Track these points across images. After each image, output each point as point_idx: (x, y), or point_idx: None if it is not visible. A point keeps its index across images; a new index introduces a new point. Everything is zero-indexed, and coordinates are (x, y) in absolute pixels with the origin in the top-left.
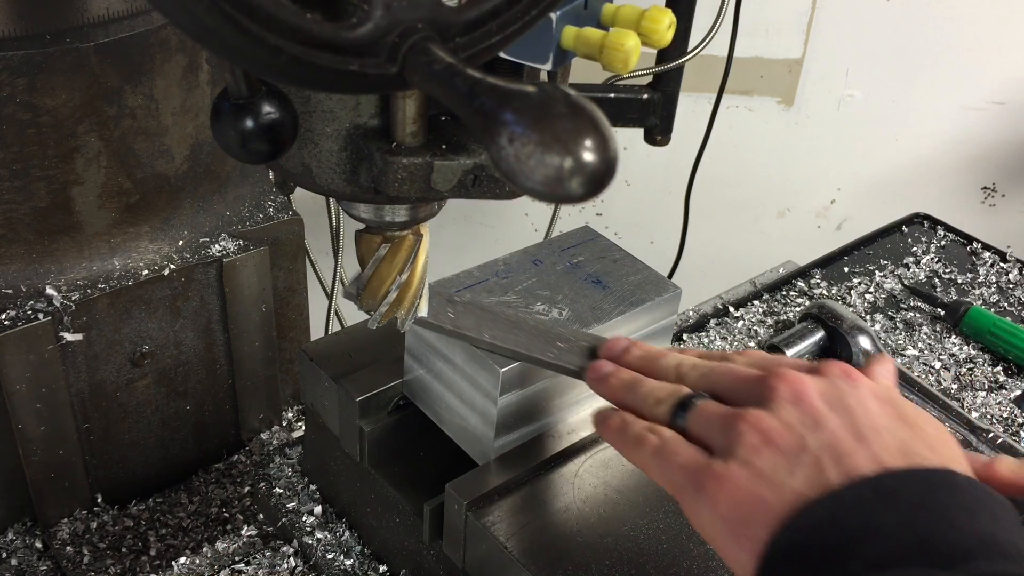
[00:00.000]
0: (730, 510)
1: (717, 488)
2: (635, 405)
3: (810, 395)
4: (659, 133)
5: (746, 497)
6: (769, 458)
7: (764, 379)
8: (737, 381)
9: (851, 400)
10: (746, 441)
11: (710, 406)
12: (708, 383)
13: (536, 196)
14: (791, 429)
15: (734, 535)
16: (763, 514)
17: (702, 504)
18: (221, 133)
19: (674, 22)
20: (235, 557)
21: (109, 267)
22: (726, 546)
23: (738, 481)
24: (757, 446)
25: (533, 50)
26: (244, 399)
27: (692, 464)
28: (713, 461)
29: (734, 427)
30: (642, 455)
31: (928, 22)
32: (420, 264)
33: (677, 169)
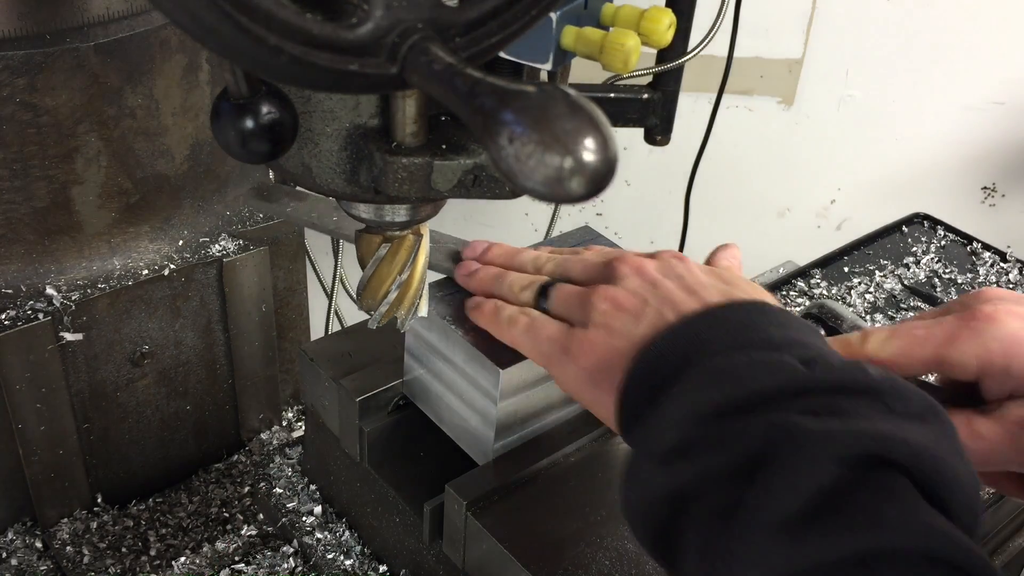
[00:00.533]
0: (591, 363)
1: (578, 348)
2: (502, 294)
3: (648, 268)
4: (659, 133)
5: (603, 350)
6: (619, 317)
7: (609, 263)
8: (587, 267)
9: (681, 269)
10: (599, 308)
11: (567, 288)
12: (563, 271)
13: (536, 196)
14: (635, 294)
15: (595, 384)
16: (618, 358)
17: (567, 365)
18: (221, 133)
19: (674, 22)
20: (235, 557)
21: (109, 267)
22: (590, 395)
23: (595, 339)
24: (608, 310)
25: (533, 50)
26: (244, 399)
27: (557, 334)
28: (574, 329)
29: (588, 300)
30: (514, 332)
31: (928, 22)
32: (420, 264)
33: (677, 169)
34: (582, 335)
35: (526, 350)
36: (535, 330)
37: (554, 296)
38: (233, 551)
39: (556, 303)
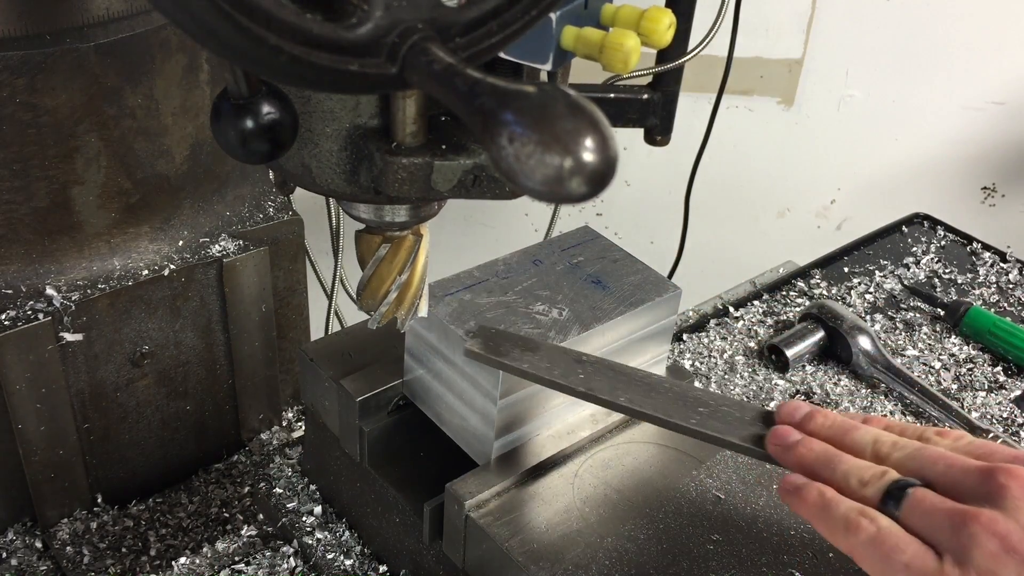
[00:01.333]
0: None
1: None
2: (832, 482)
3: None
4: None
5: None
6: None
7: (991, 473)
8: (954, 470)
9: None
10: (983, 546)
11: (930, 497)
12: (917, 467)
13: (536, 196)
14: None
15: None
16: None
17: None
18: (221, 133)
19: (674, 22)
20: (235, 557)
21: (109, 267)
22: None
23: None
24: (996, 553)
25: (533, 50)
26: (244, 399)
27: (921, 565)
28: (946, 567)
29: (965, 528)
30: (854, 542)
31: (928, 22)
32: (420, 264)
33: (677, 169)
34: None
35: (871, 570)
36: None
37: (910, 503)
38: (233, 551)
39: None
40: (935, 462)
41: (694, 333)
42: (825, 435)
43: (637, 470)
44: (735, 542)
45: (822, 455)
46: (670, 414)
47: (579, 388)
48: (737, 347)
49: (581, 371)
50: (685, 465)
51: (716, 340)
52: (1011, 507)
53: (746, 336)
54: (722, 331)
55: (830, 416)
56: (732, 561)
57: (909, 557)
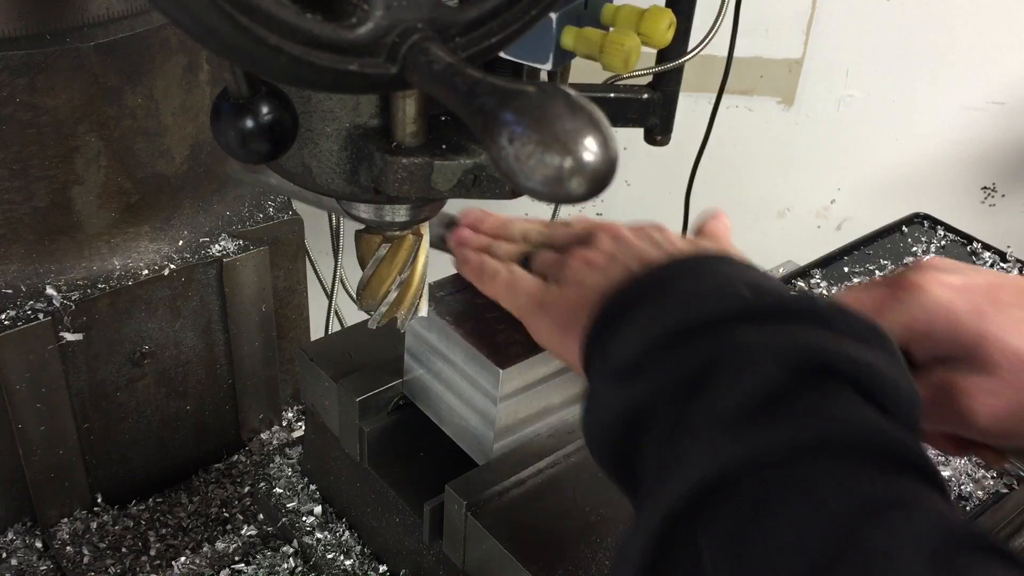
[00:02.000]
0: (561, 315)
1: (551, 301)
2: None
3: (623, 232)
4: (659, 133)
5: (573, 301)
6: (589, 272)
7: (591, 230)
8: (570, 236)
9: (656, 234)
10: (572, 266)
11: (548, 252)
12: (548, 240)
13: (536, 196)
14: (607, 253)
15: (565, 332)
16: (584, 307)
17: (542, 318)
18: (221, 133)
19: (674, 22)
20: (235, 557)
21: (109, 267)
22: (560, 342)
23: (567, 292)
24: (580, 267)
25: (533, 50)
26: (244, 399)
27: (534, 289)
28: (551, 285)
29: (564, 261)
30: (496, 285)
31: (928, 22)
32: (420, 264)
33: (677, 169)
34: (556, 289)
35: (505, 302)
36: (515, 284)
37: (535, 261)
38: (233, 551)
39: (537, 265)
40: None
41: None
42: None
43: None
44: None
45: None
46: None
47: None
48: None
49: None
50: None
51: None
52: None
53: None
54: None
55: (497, 217)
56: None
57: (528, 285)
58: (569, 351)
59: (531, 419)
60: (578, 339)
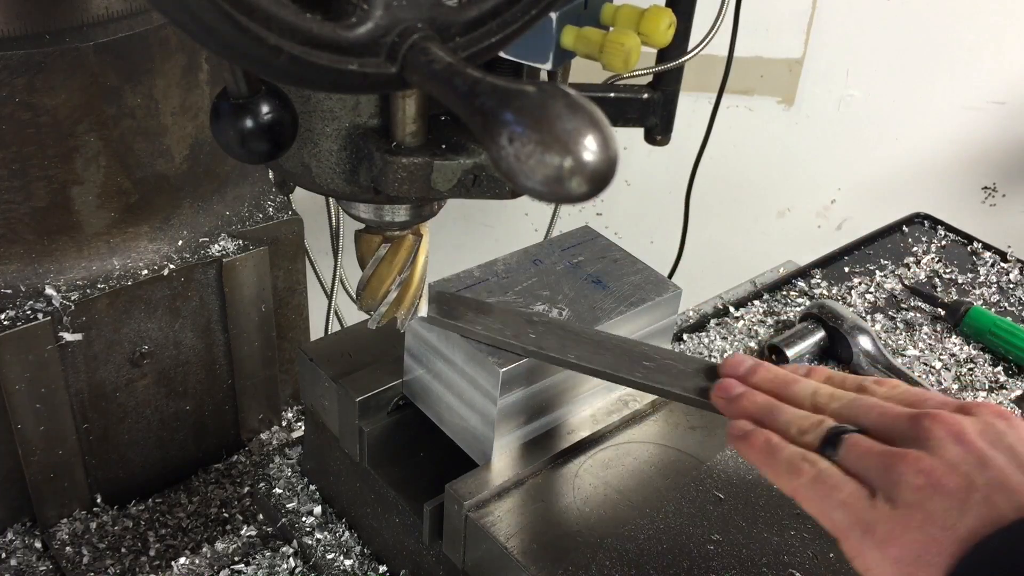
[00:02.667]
0: (901, 552)
1: (886, 531)
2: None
3: (970, 435)
4: (659, 133)
5: (918, 539)
6: (937, 500)
7: (917, 419)
8: (886, 417)
9: (1011, 438)
10: (911, 483)
11: (864, 441)
12: (852, 415)
13: (536, 196)
14: (956, 469)
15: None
16: (936, 555)
17: (870, 547)
18: (221, 133)
19: (674, 22)
20: (235, 557)
21: (108, 267)
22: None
23: (908, 523)
24: (923, 487)
25: (533, 50)
26: (244, 399)
27: (855, 503)
28: (878, 502)
29: (895, 467)
30: (797, 484)
31: (928, 22)
32: (420, 264)
33: (677, 169)
34: (889, 513)
35: (811, 508)
36: (826, 488)
37: (846, 448)
38: (233, 551)
39: (850, 458)
40: (869, 410)
41: (694, 333)
42: (767, 388)
43: (637, 470)
44: (735, 542)
45: (764, 406)
46: (617, 368)
47: (529, 347)
48: (737, 347)
49: (532, 331)
50: (685, 465)
51: (716, 340)
52: (935, 447)
53: (746, 336)
54: (722, 331)
55: (772, 369)
56: (732, 561)
57: (846, 495)
58: None
59: (531, 419)
60: None
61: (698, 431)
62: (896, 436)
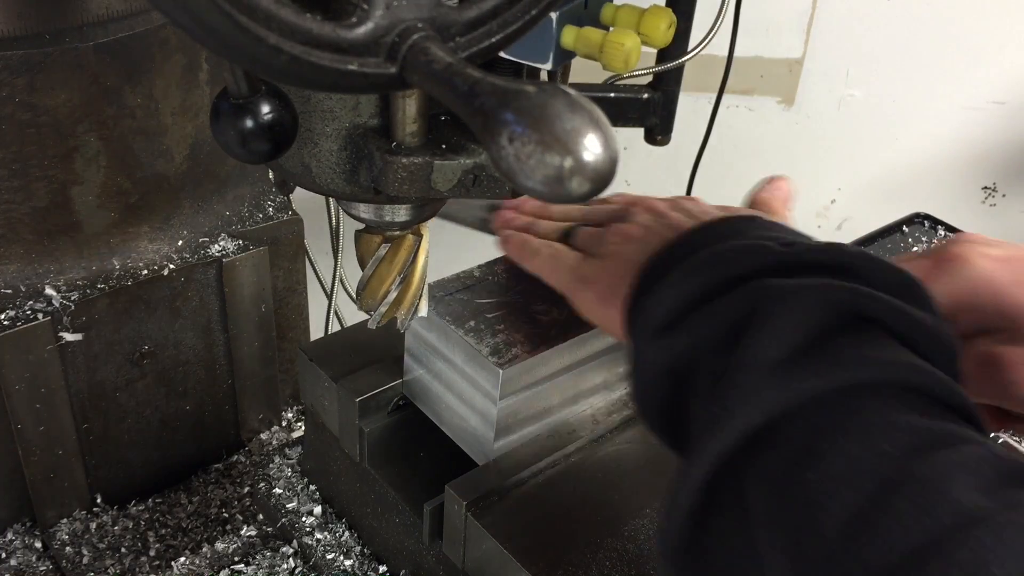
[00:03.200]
0: (603, 287)
1: (593, 274)
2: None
3: (659, 206)
4: (659, 133)
5: (613, 273)
6: (628, 244)
7: (627, 206)
8: (609, 213)
9: (688, 204)
10: (611, 240)
11: (588, 228)
12: (587, 217)
13: (537, 196)
14: (643, 225)
15: (604, 302)
16: (624, 277)
17: (584, 291)
18: (221, 133)
19: (674, 22)
20: (235, 557)
21: (108, 267)
22: (602, 313)
23: (607, 265)
24: (618, 240)
25: (533, 50)
26: (244, 399)
27: (576, 264)
28: (591, 259)
29: (603, 235)
30: (538, 261)
31: (928, 22)
32: (420, 264)
33: (677, 169)
34: (597, 263)
35: (548, 277)
36: (557, 260)
37: (576, 236)
38: (233, 551)
39: (578, 241)
40: (599, 211)
41: None
42: (533, 211)
43: (637, 470)
44: None
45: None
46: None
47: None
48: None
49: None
50: None
51: None
52: (633, 217)
53: None
54: None
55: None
56: None
57: (570, 260)
58: (612, 321)
59: (531, 419)
60: (620, 309)
61: None
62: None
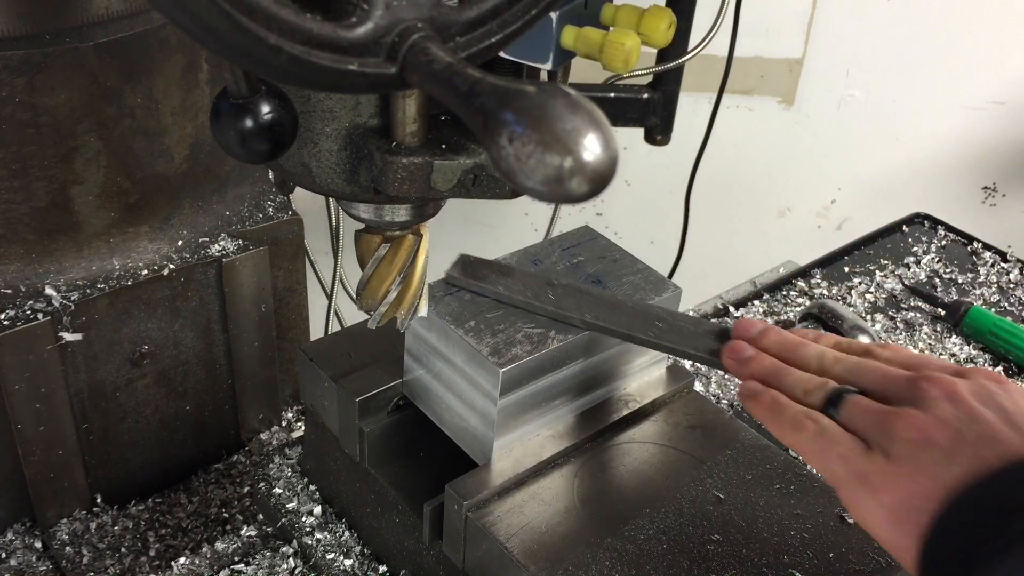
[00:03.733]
0: (893, 500)
1: (879, 480)
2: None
3: (962, 394)
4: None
5: (908, 488)
6: (928, 450)
7: (915, 380)
8: (886, 380)
9: (1002, 398)
10: (904, 436)
11: (863, 401)
12: (855, 378)
13: (536, 196)
14: (947, 424)
15: (896, 522)
16: (925, 501)
17: (864, 495)
18: (221, 133)
19: (674, 22)
20: (235, 557)
21: (108, 267)
22: (888, 533)
23: (899, 472)
24: (915, 440)
25: (533, 50)
26: (244, 399)
27: (852, 455)
28: (873, 454)
29: (891, 424)
30: (800, 439)
31: (928, 22)
32: (420, 264)
33: (677, 169)
34: (883, 465)
35: (813, 461)
36: (826, 442)
37: (846, 407)
38: (233, 551)
39: (850, 417)
40: (870, 372)
41: None
42: (776, 351)
43: (637, 470)
44: (735, 542)
45: (772, 368)
46: (632, 328)
47: (548, 307)
48: None
49: (551, 292)
50: (685, 465)
51: None
52: (929, 405)
53: None
54: None
55: (782, 333)
56: (732, 561)
57: (844, 448)
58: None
59: (531, 419)
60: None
61: (698, 431)
62: (895, 396)
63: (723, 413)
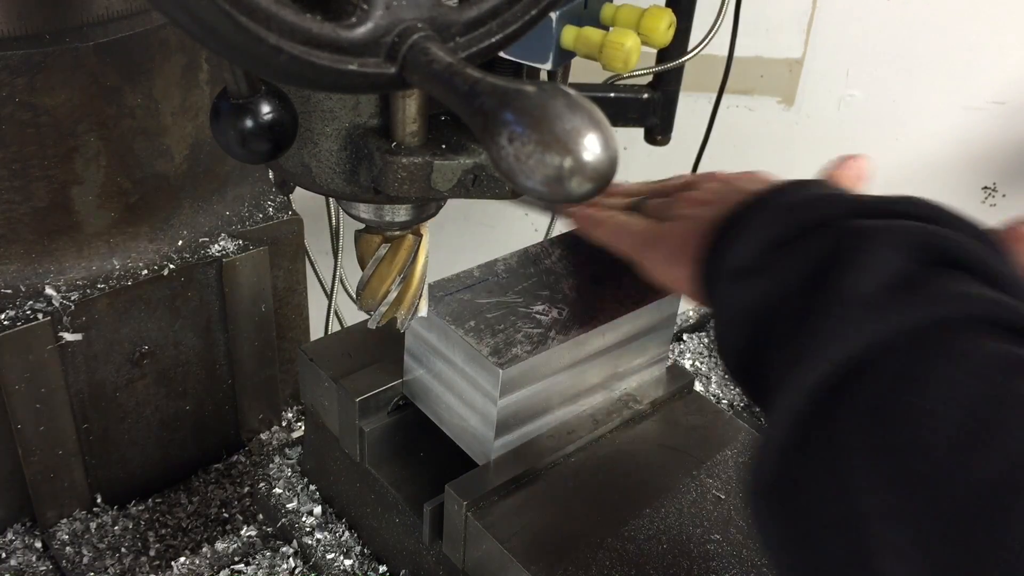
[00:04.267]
0: (673, 246)
1: (662, 238)
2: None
3: (727, 176)
4: (659, 133)
5: (683, 232)
6: (696, 208)
7: (697, 177)
8: (676, 186)
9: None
10: (682, 204)
11: (656, 200)
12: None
13: (536, 196)
14: (713, 191)
15: (676, 261)
16: (695, 235)
17: (653, 251)
18: (221, 133)
19: (674, 22)
20: (235, 557)
21: (108, 267)
22: (672, 273)
23: (677, 226)
24: (687, 206)
25: (533, 50)
26: (244, 399)
27: (645, 228)
28: (658, 224)
29: (672, 202)
30: (607, 229)
31: (928, 22)
32: (420, 264)
33: (677, 169)
34: (667, 225)
35: (616, 243)
36: (623, 226)
37: (645, 206)
38: (233, 551)
39: (646, 211)
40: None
41: (694, 333)
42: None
43: (637, 470)
44: (735, 542)
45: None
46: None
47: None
48: None
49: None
50: (685, 465)
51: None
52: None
53: None
54: None
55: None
56: (732, 561)
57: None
58: (680, 279)
59: (531, 419)
60: (689, 265)
61: (698, 431)
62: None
63: (723, 413)
